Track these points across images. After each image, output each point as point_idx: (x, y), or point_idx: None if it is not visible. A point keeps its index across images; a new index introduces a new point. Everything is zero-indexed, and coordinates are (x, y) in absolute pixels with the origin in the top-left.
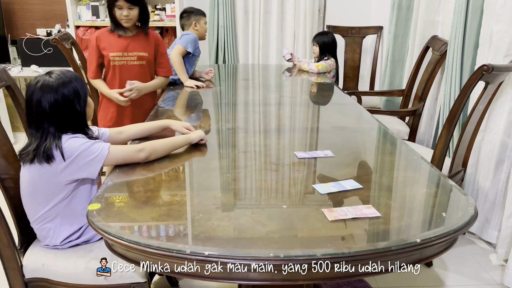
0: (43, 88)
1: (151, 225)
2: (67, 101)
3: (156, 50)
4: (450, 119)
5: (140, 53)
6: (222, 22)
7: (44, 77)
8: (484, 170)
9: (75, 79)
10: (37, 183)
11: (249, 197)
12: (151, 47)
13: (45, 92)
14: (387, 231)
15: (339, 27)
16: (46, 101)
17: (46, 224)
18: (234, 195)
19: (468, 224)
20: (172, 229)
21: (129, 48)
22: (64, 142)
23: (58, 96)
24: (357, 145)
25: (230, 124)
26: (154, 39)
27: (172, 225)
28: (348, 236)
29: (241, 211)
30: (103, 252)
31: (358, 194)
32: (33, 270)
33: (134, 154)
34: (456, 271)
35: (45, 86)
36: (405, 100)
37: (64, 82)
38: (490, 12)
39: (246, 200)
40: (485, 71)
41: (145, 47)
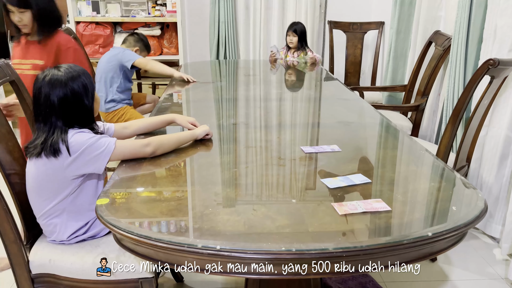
0: (52, 82)
1: (160, 220)
2: (76, 95)
3: (55, 60)
4: (455, 114)
5: (36, 61)
6: (223, 18)
7: (53, 71)
8: (488, 165)
9: (83, 73)
10: (43, 178)
11: (257, 192)
12: (50, 54)
13: (54, 86)
14: (397, 225)
15: (341, 22)
16: (55, 95)
17: (53, 219)
18: (242, 190)
19: (479, 218)
20: (181, 224)
21: (28, 55)
22: (71, 137)
23: (67, 90)
24: (362, 140)
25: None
26: (56, 46)
27: (181, 220)
28: (358, 230)
29: (250, 206)
30: (110, 247)
31: (367, 188)
32: (40, 266)
33: (140, 149)
34: (460, 266)
35: (54, 80)
36: (407, 95)
37: (73, 77)
38: (495, 6)
39: (255, 195)
40: (491, 65)
41: (42, 55)
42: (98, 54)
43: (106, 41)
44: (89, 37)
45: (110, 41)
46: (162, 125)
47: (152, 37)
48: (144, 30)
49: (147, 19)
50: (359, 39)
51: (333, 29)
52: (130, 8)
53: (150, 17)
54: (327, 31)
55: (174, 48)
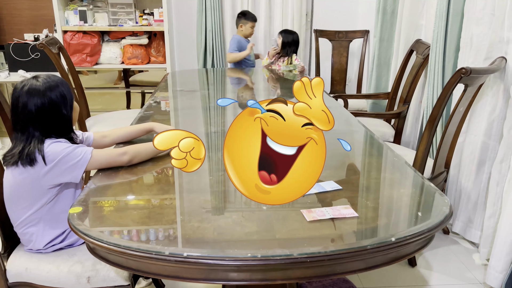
0: (30, 91)
1: (132, 228)
2: (53, 105)
3: None
4: (431, 121)
5: None
6: (210, 26)
7: (31, 81)
8: (467, 171)
9: (62, 83)
10: (20, 187)
11: (230, 200)
12: None
13: (31, 96)
14: (364, 230)
15: (326, 31)
16: (33, 105)
17: (29, 228)
18: (215, 198)
19: (443, 222)
20: (152, 232)
21: None
22: (47, 147)
23: (45, 100)
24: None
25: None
26: None
27: (153, 228)
28: (325, 236)
29: (221, 213)
30: (87, 255)
31: (338, 195)
32: (17, 275)
33: (117, 157)
34: (440, 270)
35: (32, 89)
36: (390, 102)
37: (51, 86)
38: (471, 15)
39: (227, 203)
40: (463, 74)
41: None
42: (85, 63)
43: (93, 50)
44: (76, 46)
45: (97, 50)
46: (142, 133)
47: (140, 46)
48: (132, 39)
49: (134, 28)
50: (345, 48)
51: (319, 37)
52: (117, 17)
53: (138, 26)
54: (313, 40)
55: (161, 57)
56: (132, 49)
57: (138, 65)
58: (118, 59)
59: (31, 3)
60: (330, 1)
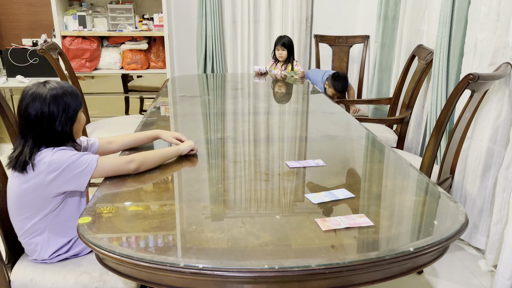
0: (33, 95)
1: (143, 238)
2: (51, 115)
3: None
4: (438, 127)
5: None
6: (210, 32)
7: (39, 85)
8: (472, 177)
9: (70, 93)
10: (24, 195)
11: (241, 208)
12: None
13: (33, 100)
14: (380, 240)
15: (326, 36)
16: (33, 109)
17: (34, 238)
18: (226, 206)
19: (460, 232)
20: (164, 242)
21: None
22: (52, 155)
23: (44, 107)
24: (347, 154)
25: (219, 134)
26: None
27: (164, 238)
28: (341, 246)
29: (234, 223)
30: (93, 266)
31: (350, 203)
32: (21, 286)
33: (123, 165)
34: (446, 277)
35: (36, 94)
36: (392, 108)
37: (56, 95)
38: (475, 21)
39: (238, 211)
40: (471, 80)
41: None
42: (84, 69)
43: (92, 55)
44: (76, 51)
45: (96, 55)
46: (148, 140)
47: (139, 51)
48: (131, 44)
49: (134, 33)
50: (345, 53)
51: (319, 42)
52: (117, 22)
53: (137, 31)
54: (313, 45)
55: (161, 62)
56: (131, 54)
57: (138, 70)
58: (117, 64)
59: (29, 8)
60: (330, 6)
